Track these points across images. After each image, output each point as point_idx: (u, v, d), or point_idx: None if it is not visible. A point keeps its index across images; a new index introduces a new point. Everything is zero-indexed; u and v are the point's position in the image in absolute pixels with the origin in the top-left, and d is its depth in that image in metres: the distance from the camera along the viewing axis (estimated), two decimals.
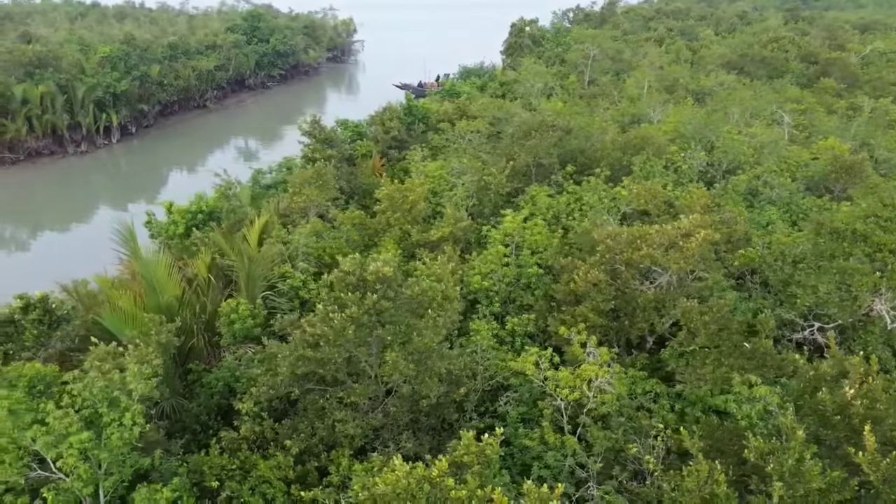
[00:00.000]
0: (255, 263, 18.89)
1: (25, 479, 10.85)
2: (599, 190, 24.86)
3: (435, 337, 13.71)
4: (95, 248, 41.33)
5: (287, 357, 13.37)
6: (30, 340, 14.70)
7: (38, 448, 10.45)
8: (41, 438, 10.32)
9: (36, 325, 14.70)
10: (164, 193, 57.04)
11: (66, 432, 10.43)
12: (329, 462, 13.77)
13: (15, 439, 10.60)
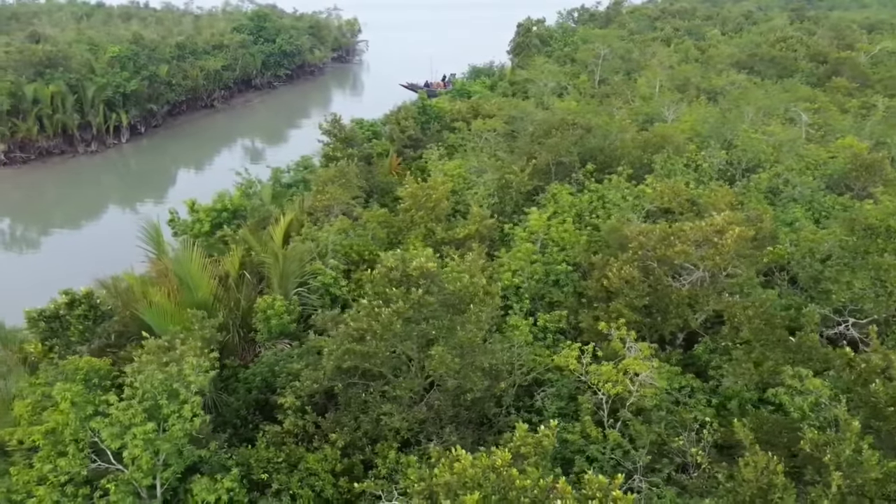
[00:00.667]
0: (289, 260, 19.04)
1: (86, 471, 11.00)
2: (622, 188, 25.01)
3: (478, 332, 13.87)
4: (113, 247, 41.68)
5: (334, 351, 13.51)
6: (75, 335, 14.86)
7: (103, 439, 10.60)
8: (106, 430, 10.47)
9: (81, 320, 14.86)
10: (176, 193, 57.23)
11: (130, 423, 10.58)
12: (374, 455, 13.91)
13: (76, 431, 10.75)
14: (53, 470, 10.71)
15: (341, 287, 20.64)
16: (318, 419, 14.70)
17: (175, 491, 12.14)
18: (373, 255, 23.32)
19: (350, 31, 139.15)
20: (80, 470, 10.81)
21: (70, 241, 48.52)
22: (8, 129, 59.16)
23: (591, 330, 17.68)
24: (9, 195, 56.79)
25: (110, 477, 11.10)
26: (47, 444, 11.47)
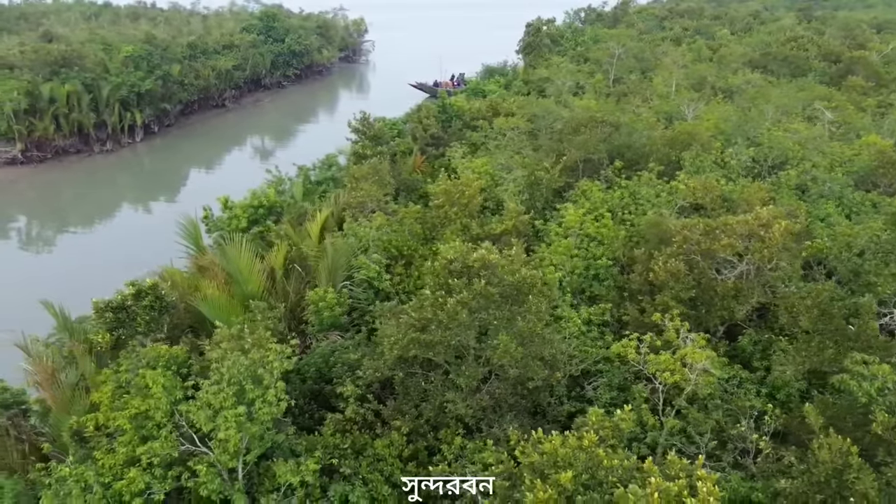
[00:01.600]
0: (338, 254, 19.39)
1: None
2: (655, 184, 25.36)
3: (537, 322, 14.23)
4: (140, 245, 42.22)
5: (400, 340, 13.86)
6: (141, 326, 15.21)
7: (194, 422, 10.95)
8: (200, 412, 10.82)
9: (148, 311, 15.21)
10: (194, 192, 57.64)
11: (221, 406, 10.94)
12: (436, 441, 14.28)
13: (167, 414, 11.11)
14: (147, 452, 11.06)
15: (384, 281, 21.01)
16: (380, 407, 15.07)
17: (249, 475, 12.49)
18: (411, 251, 23.71)
19: (357, 31, 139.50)
20: (172, 452, 11.16)
21: (95, 239, 48.88)
22: (25, 128, 59.50)
23: (635, 322, 18.05)
24: (31, 193, 57.15)
25: (195, 460, 11.45)
26: (131, 428, 11.83)
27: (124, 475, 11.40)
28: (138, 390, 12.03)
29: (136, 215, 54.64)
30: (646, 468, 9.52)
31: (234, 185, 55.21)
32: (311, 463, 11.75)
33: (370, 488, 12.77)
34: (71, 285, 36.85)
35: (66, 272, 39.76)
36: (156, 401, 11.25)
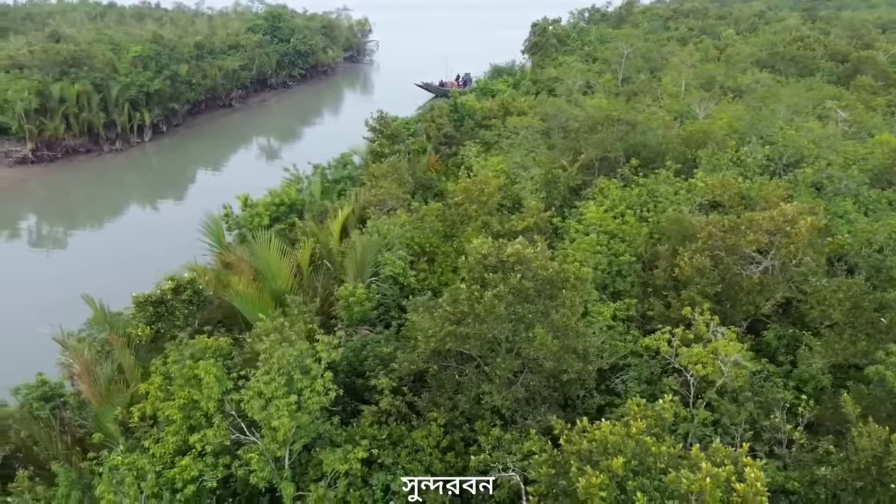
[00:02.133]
0: (367, 250, 19.66)
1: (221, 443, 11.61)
2: (673, 182, 25.63)
3: (572, 315, 14.49)
4: (159, 243, 42.55)
5: (437, 333, 14.11)
6: (180, 319, 15.48)
7: (246, 411, 11.21)
8: (254, 401, 11.09)
9: (186, 305, 15.48)
10: (204, 191, 57.98)
11: (273, 395, 11.21)
12: (472, 433, 14.54)
13: (218, 404, 11.38)
14: (201, 440, 11.32)
15: (409, 277, 21.29)
16: (415, 399, 15.33)
17: (293, 464, 12.75)
18: (433, 248, 23.99)
19: (361, 32, 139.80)
20: (224, 440, 11.43)
21: (108, 238, 49.13)
22: (36, 128, 59.79)
23: (661, 317, 18.31)
24: (41, 192, 57.40)
25: (244, 448, 11.72)
26: (180, 417, 12.11)
27: (174, 463, 11.66)
28: (186, 381, 12.30)
29: (150, 214, 54.91)
30: (693, 455, 9.78)
31: (246, 185, 55.33)
32: (360, 451, 12.01)
33: (411, 477, 13.04)
34: (88, 284, 37.23)
35: (81, 271, 40.04)
36: (208, 390, 11.51)
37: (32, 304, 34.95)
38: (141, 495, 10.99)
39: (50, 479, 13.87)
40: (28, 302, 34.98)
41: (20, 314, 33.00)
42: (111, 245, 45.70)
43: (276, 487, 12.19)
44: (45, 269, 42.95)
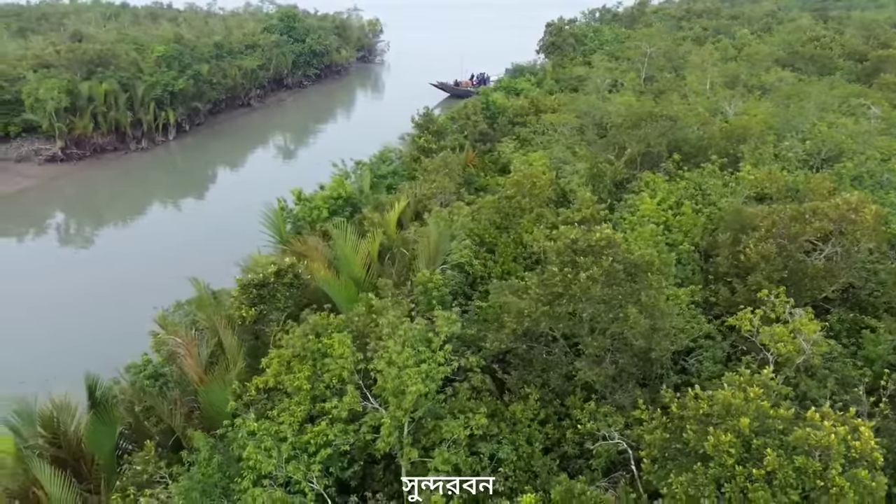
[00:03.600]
0: (442, 238, 20.49)
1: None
2: (721, 176, 26.44)
3: (658, 297, 15.31)
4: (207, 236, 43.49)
5: (533, 313, 14.94)
6: (281, 302, 16.32)
7: (382, 379, 12.02)
8: (390, 369, 11.91)
9: (288, 288, 16.31)
10: (240, 188, 58.93)
11: (404, 365, 12.03)
12: (562, 407, 15.37)
13: (351, 373, 12.22)
14: (336, 407, 12.14)
15: (474, 265, 22.14)
16: (505, 376, 16.16)
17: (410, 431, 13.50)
18: (492, 238, 24.82)
19: (372, 32, 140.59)
20: (357, 407, 12.24)
21: (144, 234, 49.89)
22: (66, 126, 60.62)
23: (726, 302, 19.17)
24: (71, 190, 58.23)
25: (370, 416, 12.53)
26: (307, 389, 12.93)
27: (303, 431, 12.47)
28: (311, 354, 13.14)
29: (191, 211, 55.47)
30: (809, 416, 10.61)
31: (277, 181, 56.64)
32: (480, 418, 12.85)
33: (516, 447, 13.86)
34: (150, 277, 38.58)
35: (133, 267, 41.06)
36: (343, 360, 12.32)
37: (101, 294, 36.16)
38: (281, 457, 11.81)
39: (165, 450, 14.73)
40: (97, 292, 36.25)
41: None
42: (159, 241, 46.28)
43: (394, 453, 13.01)
44: (98, 265, 43.80)
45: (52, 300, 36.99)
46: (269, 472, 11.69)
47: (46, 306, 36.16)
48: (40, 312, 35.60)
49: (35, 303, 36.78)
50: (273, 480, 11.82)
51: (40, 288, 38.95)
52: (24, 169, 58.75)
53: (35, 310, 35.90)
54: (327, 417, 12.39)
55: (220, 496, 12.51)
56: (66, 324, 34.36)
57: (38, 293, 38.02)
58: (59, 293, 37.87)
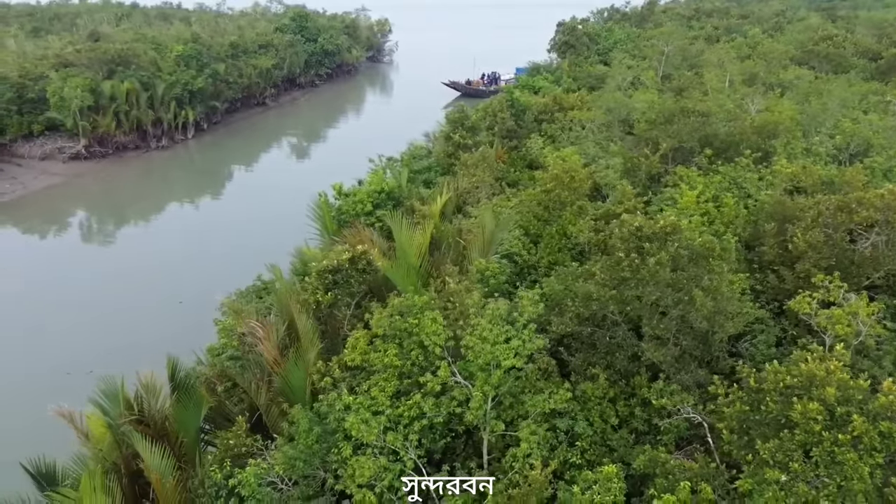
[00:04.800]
0: (499, 227, 21.18)
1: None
2: (756, 170, 27.11)
3: (721, 281, 15.99)
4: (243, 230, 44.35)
5: (602, 296, 15.61)
6: (354, 287, 17.02)
7: (473, 354, 12.70)
8: (483, 344, 12.60)
9: (360, 274, 17.01)
10: (259, 186, 59.70)
11: (495, 341, 12.72)
12: (628, 387, 16.04)
13: (443, 348, 12.92)
14: (430, 381, 12.82)
15: (523, 255, 22.84)
16: (570, 358, 16.83)
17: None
18: (536, 229, 25.52)
19: (380, 32, 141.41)
20: (450, 381, 12.92)
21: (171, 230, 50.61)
22: (89, 124, 61.38)
23: (774, 289, 19.86)
24: (96, 188, 58.95)
25: (458, 391, 13.21)
26: (394, 366, 13.63)
27: (394, 405, 13.14)
28: (398, 333, 13.84)
29: (220, 208, 56.22)
30: (886, 387, 11.30)
31: (302, 178, 57.39)
32: (564, 392, 13.54)
33: (590, 422, 14.55)
34: (203, 269, 39.61)
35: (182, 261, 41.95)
36: (435, 337, 13.00)
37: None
38: (379, 428, 12.49)
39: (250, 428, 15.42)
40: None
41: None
42: (200, 237, 47.09)
43: (477, 427, 13.69)
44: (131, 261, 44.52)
45: (108, 291, 38.02)
46: (370, 441, 12.35)
47: (109, 298, 37.20)
48: (106, 304, 36.60)
49: (100, 294, 37.78)
50: (374, 449, 12.49)
51: (98, 279, 39.92)
52: (48, 166, 59.54)
53: (100, 302, 36.93)
54: (419, 391, 13.06)
55: (318, 466, 13.20)
56: (123, 316, 35.38)
57: (98, 285, 39.02)
58: (109, 286, 38.84)
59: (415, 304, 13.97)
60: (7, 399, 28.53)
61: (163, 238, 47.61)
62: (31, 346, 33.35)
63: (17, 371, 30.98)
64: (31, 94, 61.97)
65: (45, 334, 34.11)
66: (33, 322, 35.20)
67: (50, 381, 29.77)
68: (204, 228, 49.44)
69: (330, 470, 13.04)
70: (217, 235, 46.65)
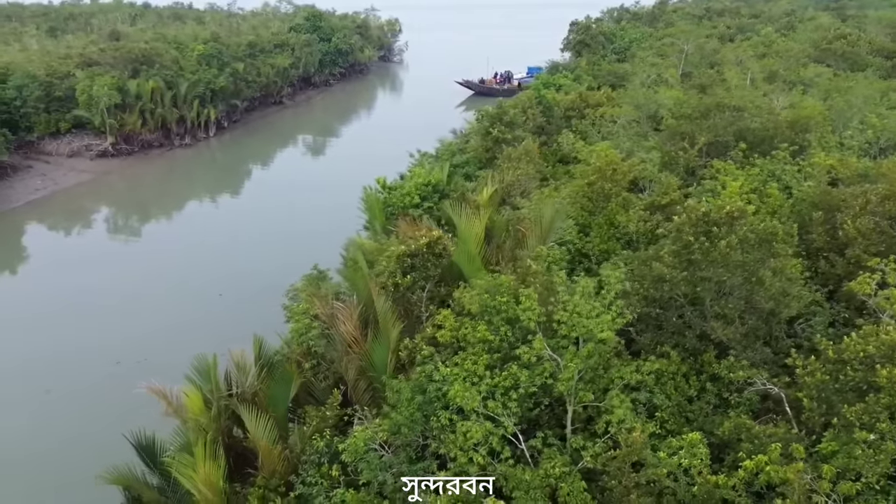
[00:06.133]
0: (558, 215, 22.03)
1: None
2: (791, 162, 27.95)
3: (786, 263, 16.83)
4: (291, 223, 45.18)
5: (674, 278, 16.45)
6: (431, 270, 17.88)
7: (568, 328, 13.56)
8: (571, 319, 13.45)
9: (437, 258, 17.88)
10: (280, 181, 60.48)
11: (588, 315, 13.57)
12: (697, 364, 16.88)
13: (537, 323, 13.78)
14: (526, 352, 13.66)
15: (575, 244, 23.71)
16: (638, 338, 17.66)
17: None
18: (584, 219, 26.38)
19: (390, 31, 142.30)
20: (543, 352, 13.76)
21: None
22: (117, 122, 62.28)
23: (825, 274, 20.72)
24: (121, 185, 59.87)
25: (547, 363, 14.04)
26: (489, 339, 14.50)
27: (485, 377, 13.95)
28: (487, 310, 14.71)
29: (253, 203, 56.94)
30: None
31: (324, 176, 58.28)
32: (653, 363, 14.39)
33: (667, 395, 15.38)
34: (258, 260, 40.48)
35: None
36: (530, 312, 13.84)
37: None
38: (479, 396, 13.33)
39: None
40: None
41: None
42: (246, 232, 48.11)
43: (562, 398, 14.52)
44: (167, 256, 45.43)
45: (184, 280, 39.37)
46: (473, 408, 13.17)
47: (185, 286, 38.75)
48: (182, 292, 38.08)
49: (152, 286, 39.10)
50: (477, 416, 13.32)
51: (140, 273, 40.99)
52: (76, 164, 60.45)
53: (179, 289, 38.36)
54: (514, 363, 13.88)
55: (418, 434, 14.04)
56: (172, 307, 36.32)
57: (144, 278, 40.33)
58: (157, 279, 39.87)
59: (502, 283, 14.80)
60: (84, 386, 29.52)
61: (196, 234, 48.53)
62: (89, 334, 34.31)
63: (78, 360, 31.92)
64: (58, 92, 62.88)
65: (110, 324, 35.01)
66: (98, 314, 36.10)
67: (107, 369, 30.82)
68: (234, 225, 50.29)
69: (431, 436, 13.87)
70: (246, 230, 47.52)
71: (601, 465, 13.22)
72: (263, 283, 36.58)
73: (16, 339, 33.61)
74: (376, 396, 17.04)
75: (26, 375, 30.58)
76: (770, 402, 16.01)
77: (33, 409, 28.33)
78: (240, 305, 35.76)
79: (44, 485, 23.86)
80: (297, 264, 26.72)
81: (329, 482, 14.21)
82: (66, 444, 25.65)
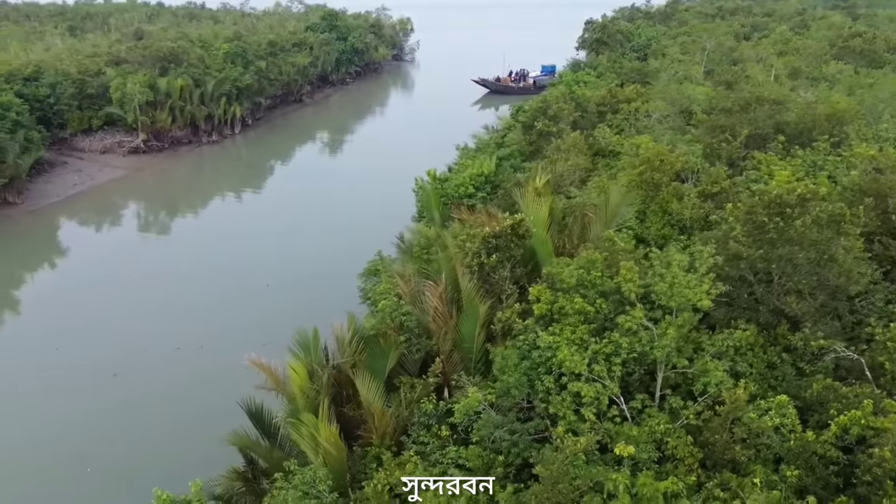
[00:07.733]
0: (624, 200, 23.12)
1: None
2: (832, 153, 29.03)
3: (855, 242, 17.91)
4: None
5: (751, 255, 17.53)
6: (514, 250, 18.98)
7: (663, 297, 14.64)
8: (670, 290, 14.54)
9: (520, 239, 18.97)
10: (306, 174, 61.63)
11: (687, 286, 14.66)
12: (770, 337, 17.94)
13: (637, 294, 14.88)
14: (627, 321, 14.76)
15: (634, 229, 24.81)
16: (713, 313, 18.71)
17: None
18: (642, 206, 27.48)
19: (403, 31, 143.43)
20: (643, 322, 14.86)
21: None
22: (148, 119, 63.37)
23: (879, 256, 21.80)
24: (152, 181, 60.91)
25: (644, 333, 15.12)
26: (587, 310, 15.58)
27: (591, 343, 15.03)
28: (584, 283, 15.81)
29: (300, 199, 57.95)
30: None
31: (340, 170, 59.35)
32: (744, 334, 15.47)
33: (749, 364, 16.45)
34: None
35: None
36: (631, 284, 14.93)
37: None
38: (585, 360, 14.41)
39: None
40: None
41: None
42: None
43: (654, 365, 15.59)
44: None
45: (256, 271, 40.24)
46: (580, 371, 14.25)
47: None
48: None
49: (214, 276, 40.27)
50: (585, 378, 14.39)
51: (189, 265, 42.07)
52: (109, 160, 61.54)
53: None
54: (615, 331, 14.96)
55: (524, 397, 15.13)
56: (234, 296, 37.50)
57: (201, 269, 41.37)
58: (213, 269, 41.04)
59: (595, 260, 15.89)
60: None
61: (239, 225, 49.71)
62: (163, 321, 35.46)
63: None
64: (90, 89, 63.92)
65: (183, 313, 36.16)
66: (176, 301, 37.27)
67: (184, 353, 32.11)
68: (262, 218, 51.25)
69: (536, 398, 14.95)
70: (284, 223, 48.58)
71: (702, 422, 14.30)
72: (309, 272, 37.96)
73: (134, 326, 34.79)
74: (467, 367, 18.14)
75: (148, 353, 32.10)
76: (843, 371, 17.07)
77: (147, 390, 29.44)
78: (287, 294, 36.91)
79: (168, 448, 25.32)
80: (341, 251, 27.83)
81: (439, 441, 15.28)
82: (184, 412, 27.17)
